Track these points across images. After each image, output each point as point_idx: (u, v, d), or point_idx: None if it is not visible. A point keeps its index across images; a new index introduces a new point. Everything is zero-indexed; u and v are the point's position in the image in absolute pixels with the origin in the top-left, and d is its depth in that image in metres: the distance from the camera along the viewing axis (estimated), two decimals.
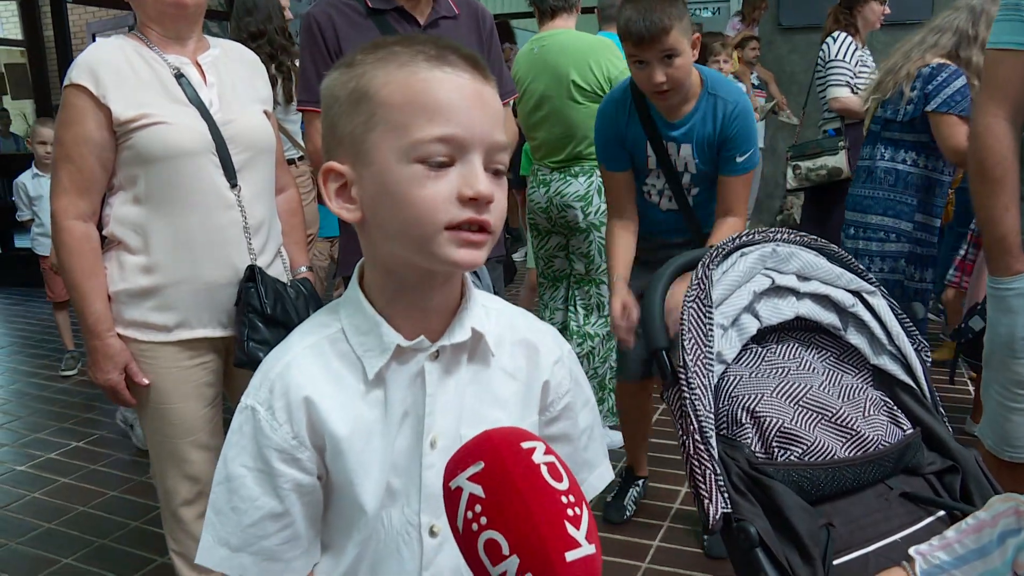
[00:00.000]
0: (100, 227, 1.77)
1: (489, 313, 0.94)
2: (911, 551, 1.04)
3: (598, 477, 1.04)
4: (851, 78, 3.85)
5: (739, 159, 2.22)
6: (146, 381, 1.76)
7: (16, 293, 6.70)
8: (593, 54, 3.08)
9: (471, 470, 0.65)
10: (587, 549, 0.63)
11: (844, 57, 3.84)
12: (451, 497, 0.66)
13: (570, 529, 0.63)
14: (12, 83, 12.46)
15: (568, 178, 3.15)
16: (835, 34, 3.90)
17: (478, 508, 0.64)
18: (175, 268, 1.73)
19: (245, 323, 1.77)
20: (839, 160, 3.84)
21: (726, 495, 1.11)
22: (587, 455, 1.02)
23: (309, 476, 0.89)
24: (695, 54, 2.12)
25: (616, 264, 2.38)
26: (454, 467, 0.67)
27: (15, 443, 3.62)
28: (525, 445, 0.66)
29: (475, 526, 0.64)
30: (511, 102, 2.28)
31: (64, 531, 2.83)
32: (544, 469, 0.65)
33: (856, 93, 3.82)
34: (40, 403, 4.12)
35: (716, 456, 1.13)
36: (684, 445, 1.14)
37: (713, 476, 1.11)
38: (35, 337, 5.44)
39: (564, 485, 0.65)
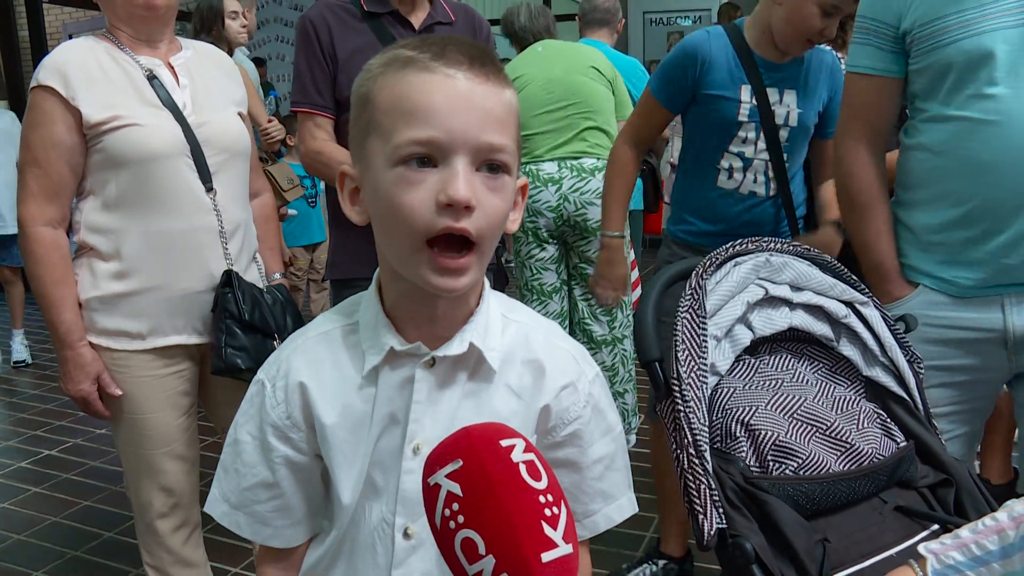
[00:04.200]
0: (70, 233, 1.73)
1: (507, 326, 0.92)
2: (921, 549, 1.00)
3: (616, 509, 0.99)
4: None
5: None
6: (119, 392, 1.72)
7: None
8: (593, 55, 3.14)
9: (449, 467, 0.65)
10: (564, 549, 0.63)
11: None
12: (430, 493, 0.66)
13: (547, 530, 0.63)
14: None
15: (584, 175, 2.96)
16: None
17: (455, 506, 0.64)
18: (149, 274, 1.69)
19: (222, 329, 1.73)
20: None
21: (721, 510, 1.09)
22: (602, 486, 0.97)
23: (301, 455, 0.92)
24: None
25: (615, 207, 2.19)
26: (433, 463, 0.67)
27: None
28: (504, 443, 0.66)
29: (452, 524, 0.64)
30: None
31: (35, 543, 2.77)
32: (523, 468, 0.65)
33: None
34: (12, 410, 4.04)
35: (710, 470, 1.11)
36: (678, 459, 1.12)
37: (708, 491, 1.09)
38: (3, 342, 5.34)
39: (542, 484, 0.65)
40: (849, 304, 1.32)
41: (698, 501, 1.09)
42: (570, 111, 3.03)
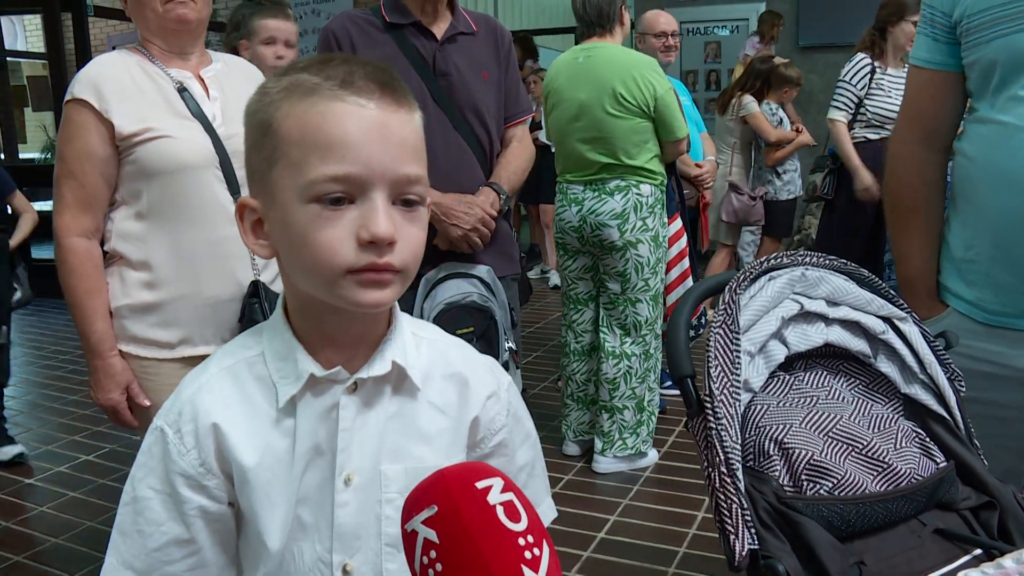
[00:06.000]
0: (102, 242, 1.75)
1: (420, 344, 0.91)
2: None
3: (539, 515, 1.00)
4: (853, 102, 3.86)
5: None
6: (148, 403, 1.73)
7: (30, 303, 6.70)
8: (638, 69, 3.03)
9: (424, 514, 0.63)
10: None
11: (851, 79, 3.87)
12: (408, 540, 0.65)
13: (528, 574, 0.61)
14: (34, 95, 12.65)
15: (603, 196, 3.07)
16: (855, 55, 3.90)
17: (433, 554, 0.62)
18: (178, 283, 1.71)
19: None
20: (818, 178, 4.10)
21: (753, 530, 1.06)
22: (526, 493, 0.98)
23: (217, 504, 0.86)
24: None
25: None
26: (409, 509, 0.65)
27: (25, 455, 3.59)
28: (480, 484, 0.64)
29: (431, 572, 0.62)
30: (527, 120, 2.25)
31: (72, 547, 2.80)
32: (500, 510, 0.63)
33: (863, 116, 3.85)
34: (51, 415, 4.10)
35: (743, 489, 1.08)
36: (709, 478, 1.09)
37: (740, 510, 1.06)
38: (48, 348, 5.43)
39: (522, 525, 0.63)
40: (887, 319, 1.29)
41: (729, 521, 1.06)
42: (596, 146, 3.07)
